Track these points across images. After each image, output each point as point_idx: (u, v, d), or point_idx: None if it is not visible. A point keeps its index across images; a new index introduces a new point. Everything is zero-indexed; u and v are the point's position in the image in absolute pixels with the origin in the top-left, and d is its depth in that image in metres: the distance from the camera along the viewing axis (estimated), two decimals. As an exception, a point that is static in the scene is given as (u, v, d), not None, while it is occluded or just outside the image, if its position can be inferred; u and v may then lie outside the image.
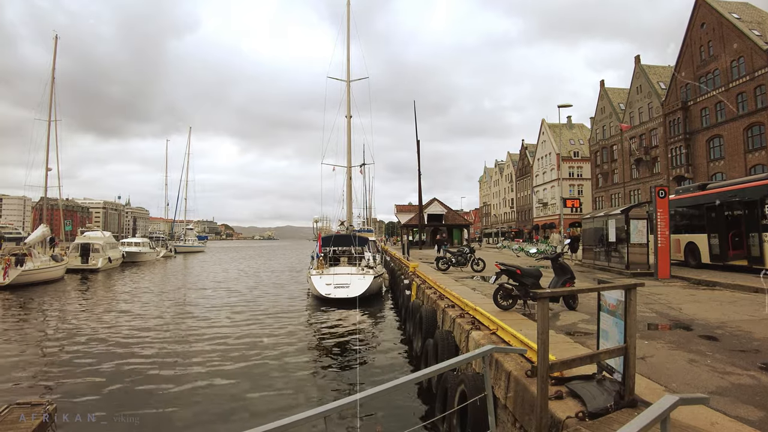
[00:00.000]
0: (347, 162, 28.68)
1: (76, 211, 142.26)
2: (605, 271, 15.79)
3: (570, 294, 8.36)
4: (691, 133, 36.75)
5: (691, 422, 3.31)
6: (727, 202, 14.69)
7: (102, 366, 9.41)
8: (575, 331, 6.53)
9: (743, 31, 31.16)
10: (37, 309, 17.34)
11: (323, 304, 16.92)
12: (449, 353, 7.21)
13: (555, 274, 8.85)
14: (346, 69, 28.80)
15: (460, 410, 5.19)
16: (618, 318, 3.76)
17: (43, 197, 33.68)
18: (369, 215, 56.98)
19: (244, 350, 10.78)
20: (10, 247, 27.70)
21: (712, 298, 9.71)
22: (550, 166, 66.40)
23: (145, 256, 46.56)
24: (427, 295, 11.50)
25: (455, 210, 59.99)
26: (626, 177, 47.66)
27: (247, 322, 14.38)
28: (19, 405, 5.93)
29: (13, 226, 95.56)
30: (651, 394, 3.86)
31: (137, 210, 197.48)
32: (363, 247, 22.74)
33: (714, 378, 4.47)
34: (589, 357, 3.79)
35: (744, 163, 30.97)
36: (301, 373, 9.21)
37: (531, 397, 4.02)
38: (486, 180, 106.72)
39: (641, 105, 44.65)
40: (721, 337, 6.16)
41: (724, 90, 32.72)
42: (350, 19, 29.29)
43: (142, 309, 17.01)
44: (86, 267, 32.53)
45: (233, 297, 20.38)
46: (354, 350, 10.98)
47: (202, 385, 8.40)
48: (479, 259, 17.50)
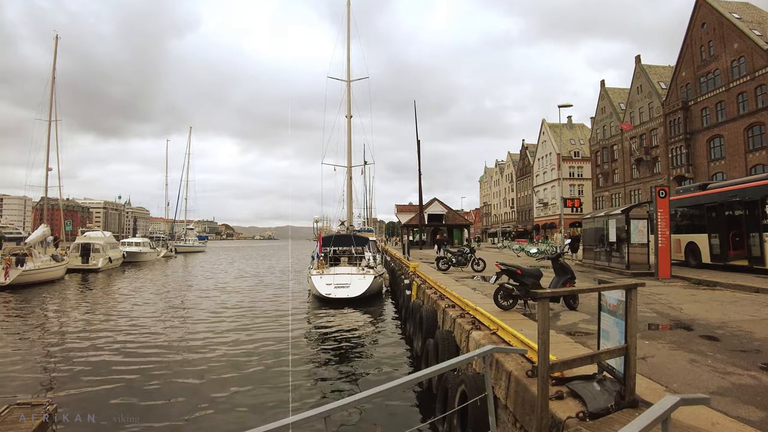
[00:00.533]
0: (347, 162, 28.70)
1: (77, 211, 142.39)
2: (606, 271, 15.78)
3: (570, 294, 8.35)
4: (691, 133, 36.74)
5: (693, 422, 3.31)
6: (727, 202, 14.68)
7: (102, 366, 9.41)
8: (576, 331, 6.53)
9: (744, 31, 31.14)
10: (38, 309, 17.34)
11: (324, 304, 16.92)
12: (450, 353, 7.20)
13: (555, 274, 8.84)
14: (346, 69, 28.85)
15: (461, 410, 5.18)
16: (619, 318, 3.75)
17: (43, 197, 33.67)
18: (369, 215, 57.02)
19: (244, 350, 10.78)
20: (10, 247, 27.74)
21: (712, 298, 9.70)
22: (551, 166, 66.39)
23: (146, 256, 46.59)
24: (428, 295, 11.49)
25: (455, 210, 59.98)
26: (627, 177, 47.64)
27: (247, 322, 14.37)
28: (20, 405, 5.92)
29: (13, 226, 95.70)
30: (652, 394, 3.85)
31: (138, 210, 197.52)
32: (363, 247, 22.74)
33: (715, 378, 4.46)
34: (589, 357, 3.79)
35: (744, 163, 30.95)
36: (302, 373, 9.20)
37: (531, 398, 4.02)
38: (486, 180, 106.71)
39: (642, 105, 44.63)
40: (721, 338, 6.15)
41: (725, 90, 32.71)
42: (350, 19, 29.33)
43: (143, 309, 17.01)
44: (87, 267, 32.56)
45: (233, 297, 20.37)
46: (354, 350, 10.98)
47: (202, 384, 8.40)
48: (479, 259, 17.50)
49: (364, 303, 16.89)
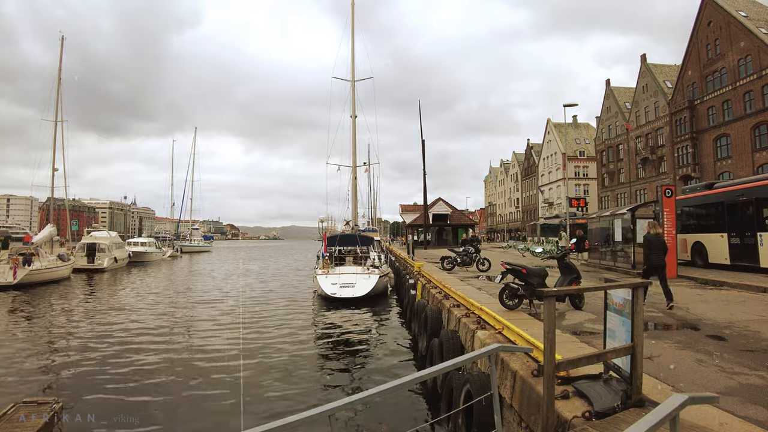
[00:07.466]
0: (352, 162, 28.70)
1: (83, 211, 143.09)
2: (611, 270, 15.71)
3: (576, 293, 8.31)
4: (697, 132, 36.47)
5: (700, 422, 3.28)
6: (734, 201, 14.55)
7: (105, 366, 9.44)
8: (581, 331, 6.49)
9: (750, 29, 30.87)
10: (45, 309, 17.45)
11: (329, 303, 16.93)
12: (455, 353, 7.18)
13: (561, 274, 8.81)
14: (350, 67, 28.84)
15: (466, 410, 5.17)
16: (625, 317, 3.73)
17: (49, 197, 33.89)
18: (374, 215, 57.03)
19: (249, 350, 10.79)
20: (17, 247, 27.95)
21: (719, 298, 9.62)
22: (556, 166, 66.14)
23: (152, 256, 46.77)
24: (432, 294, 11.47)
25: (460, 210, 59.88)
26: (632, 176, 47.38)
27: (252, 321, 14.41)
28: (26, 403, 5.97)
29: (20, 226, 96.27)
30: (658, 394, 3.83)
31: (143, 210, 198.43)
32: (368, 247, 22.74)
33: (722, 378, 4.42)
34: (595, 356, 3.77)
35: (751, 162, 30.68)
36: (306, 371, 9.20)
37: (537, 397, 4.00)
38: (491, 180, 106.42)
39: (647, 104, 44.36)
40: (729, 337, 6.10)
41: (731, 89, 32.45)
42: (354, 18, 29.31)
43: (148, 309, 17.10)
44: (92, 267, 32.74)
45: (238, 296, 20.42)
46: (359, 349, 10.98)
47: (206, 383, 8.42)
48: (485, 259, 17.45)
49: (369, 302, 16.89)
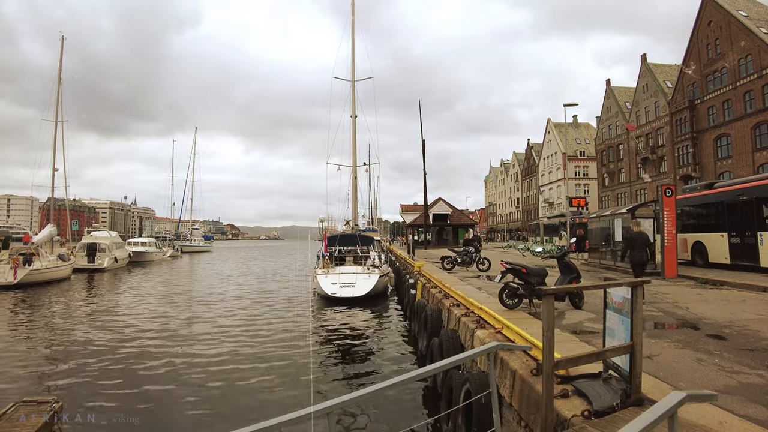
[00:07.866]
0: (353, 162, 28.69)
1: (83, 211, 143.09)
2: (611, 270, 15.70)
3: (576, 292, 8.31)
4: (698, 131, 36.46)
5: (699, 421, 3.28)
6: (734, 201, 14.54)
7: (106, 366, 9.45)
8: (581, 330, 6.49)
9: (751, 28, 30.86)
10: (45, 308, 17.46)
11: (329, 303, 16.93)
12: (454, 352, 7.16)
13: (561, 273, 8.80)
14: (350, 67, 28.83)
15: (465, 408, 5.17)
16: (624, 316, 3.72)
17: (50, 197, 33.92)
18: (374, 215, 57.06)
19: (248, 349, 10.80)
20: (18, 247, 27.96)
21: (719, 298, 9.61)
22: (556, 166, 66.13)
23: (152, 255, 46.80)
24: (432, 294, 11.47)
25: (461, 210, 59.86)
26: (632, 176, 47.37)
27: (252, 321, 14.42)
28: (26, 403, 5.96)
29: (20, 226, 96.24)
30: (658, 392, 3.81)
31: (143, 210, 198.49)
32: (368, 247, 22.74)
33: (722, 377, 4.42)
34: (595, 355, 3.77)
35: (752, 161, 30.68)
36: (306, 370, 9.20)
37: (536, 396, 4.00)
38: (491, 180, 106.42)
39: (647, 104, 44.37)
40: (729, 337, 6.10)
41: (732, 88, 32.44)
42: (354, 18, 29.29)
43: (148, 309, 17.10)
44: (92, 267, 32.76)
45: (238, 297, 20.43)
46: (359, 349, 10.98)
47: (205, 383, 8.42)
48: (485, 258, 17.44)
49: (369, 302, 16.89)
